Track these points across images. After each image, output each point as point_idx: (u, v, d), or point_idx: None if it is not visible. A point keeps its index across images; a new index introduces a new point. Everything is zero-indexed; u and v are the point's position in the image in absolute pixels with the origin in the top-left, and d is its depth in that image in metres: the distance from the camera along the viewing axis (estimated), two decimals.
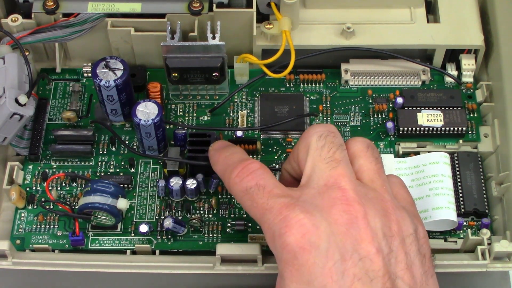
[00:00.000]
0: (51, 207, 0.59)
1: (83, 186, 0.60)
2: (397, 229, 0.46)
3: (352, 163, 0.49)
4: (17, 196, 0.58)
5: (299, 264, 0.43)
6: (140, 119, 0.57)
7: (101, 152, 0.62)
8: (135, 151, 0.61)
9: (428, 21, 0.66)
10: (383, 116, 0.64)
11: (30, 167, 0.61)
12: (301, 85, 0.66)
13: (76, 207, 0.58)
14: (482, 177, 0.60)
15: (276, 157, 0.62)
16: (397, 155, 0.62)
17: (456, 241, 0.58)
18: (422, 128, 0.62)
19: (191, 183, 0.58)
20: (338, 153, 0.47)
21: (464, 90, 0.65)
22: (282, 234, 0.44)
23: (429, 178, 0.59)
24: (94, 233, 0.58)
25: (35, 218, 0.59)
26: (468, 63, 0.65)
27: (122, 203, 0.56)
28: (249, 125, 0.64)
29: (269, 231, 0.46)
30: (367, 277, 0.43)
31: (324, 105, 0.64)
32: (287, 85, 0.66)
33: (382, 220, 0.46)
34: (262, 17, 0.65)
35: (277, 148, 0.62)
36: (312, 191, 0.46)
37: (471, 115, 0.64)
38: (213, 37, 0.60)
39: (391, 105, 0.64)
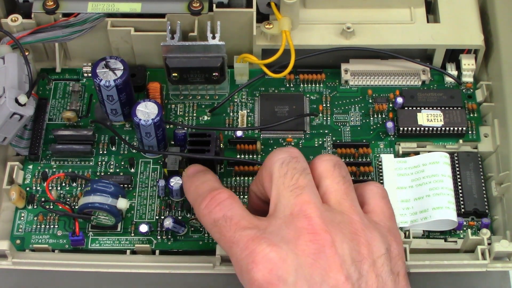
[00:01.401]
0: (51, 207, 0.59)
1: (83, 186, 0.60)
2: (367, 252, 0.45)
3: (319, 185, 0.48)
4: (17, 196, 0.58)
5: None
6: (140, 119, 0.57)
7: (101, 152, 0.62)
8: (138, 148, 0.61)
9: (428, 21, 0.66)
10: (383, 116, 0.64)
11: (30, 167, 0.61)
12: (301, 85, 0.66)
13: (76, 207, 0.58)
14: (482, 177, 0.60)
15: None
16: (397, 155, 0.62)
17: (456, 241, 0.58)
18: (422, 128, 0.62)
19: None
20: (302, 179, 0.46)
21: (464, 90, 0.65)
22: (249, 270, 0.44)
23: (429, 178, 0.59)
24: (94, 233, 0.58)
25: (35, 218, 0.59)
26: (468, 63, 0.65)
27: (122, 203, 0.56)
28: (249, 125, 0.64)
29: (237, 265, 0.45)
30: None
31: (324, 105, 0.64)
32: (287, 85, 0.66)
33: (350, 245, 0.45)
34: (262, 17, 0.65)
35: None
36: (279, 222, 0.45)
37: (471, 115, 0.64)
38: (213, 37, 0.60)
39: (391, 105, 0.64)
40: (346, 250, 0.44)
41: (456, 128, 0.62)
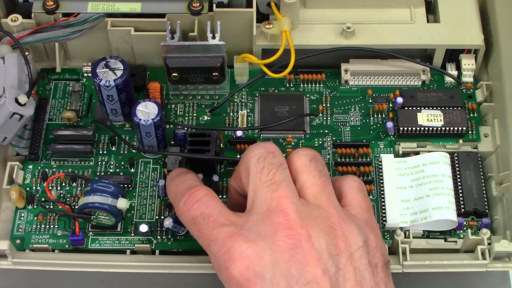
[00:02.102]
0: (51, 207, 0.59)
1: (83, 186, 0.60)
2: (344, 245, 0.45)
3: (295, 180, 0.48)
4: (17, 196, 0.58)
5: None
6: (140, 119, 0.57)
7: (101, 152, 0.62)
8: (138, 148, 0.61)
9: (428, 21, 0.66)
10: (383, 116, 0.64)
11: (30, 167, 0.61)
12: (301, 85, 0.66)
13: (76, 207, 0.58)
14: (482, 177, 0.60)
15: None
16: (397, 155, 0.62)
17: (456, 241, 0.58)
18: (422, 128, 0.62)
19: None
20: (278, 174, 0.47)
21: (464, 90, 0.65)
22: (227, 267, 0.44)
23: (429, 178, 0.59)
24: (94, 233, 0.58)
25: (35, 218, 0.59)
26: (468, 63, 0.65)
27: (122, 203, 0.56)
28: (249, 125, 0.64)
29: (215, 262, 0.46)
30: None
31: (324, 105, 0.64)
32: (287, 85, 0.66)
33: (327, 239, 0.45)
34: (262, 17, 0.65)
35: None
36: (256, 217, 0.46)
37: (471, 115, 0.64)
38: (213, 37, 0.60)
39: (391, 105, 0.64)
40: (323, 244, 0.44)
41: (456, 128, 0.62)
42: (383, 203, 0.59)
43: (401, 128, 0.62)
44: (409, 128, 0.62)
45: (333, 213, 0.46)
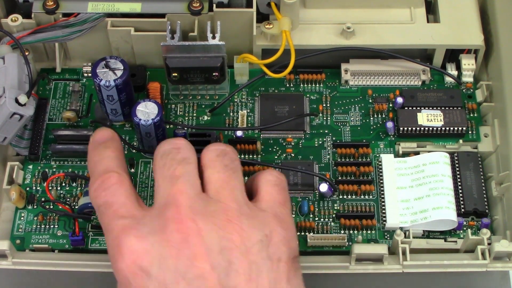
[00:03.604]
0: (51, 207, 0.59)
1: (83, 186, 0.60)
2: (240, 239, 0.44)
3: (202, 175, 0.48)
4: (17, 196, 0.58)
5: None
6: (140, 119, 0.57)
7: None
8: (138, 148, 0.61)
9: (428, 21, 0.66)
10: (383, 116, 0.64)
11: (30, 167, 0.61)
12: (301, 85, 0.66)
13: (76, 207, 0.58)
14: (482, 177, 0.60)
15: (276, 157, 0.62)
16: (397, 155, 0.62)
17: (456, 241, 0.58)
18: (422, 128, 0.62)
19: None
20: (179, 169, 0.46)
21: (464, 90, 0.65)
22: (116, 260, 0.44)
23: (429, 178, 0.59)
24: (94, 233, 0.58)
25: (35, 218, 0.59)
26: (468, 63, 0.65)
27: None
28: (249, 125, 0.64)
29: (109, 253, 0.46)
30: None
31: (324, 105, 0.64)
32: (287, 85, 0.66)
33: (219, 234, 0.44)
34: (262, 17, 0.65)
35: (277, 148, 0.62)
36: (154, 212, 0.46)
37: (471, 115, 0.64)
38: (213, 37, 0.60)
39: (391, 105, 0.64)
40: (215, 239, 0.44)
41: (456, 128, 0.62)
42: (383, 203, 0.59)
43: (401, 128, 0.62)
44: (409, 128, 0.62)
45: (233, 207, 0.46)
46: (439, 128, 0.62)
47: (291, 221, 0.48)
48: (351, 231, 0.58)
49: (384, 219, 0.58)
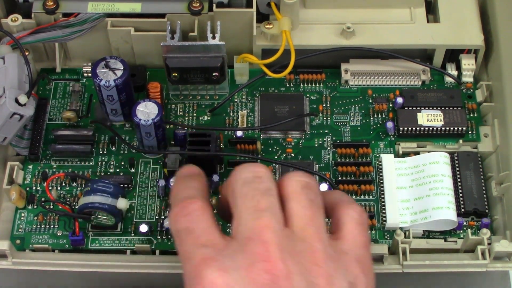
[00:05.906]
0: (51, 207, 0.59)
1: (83, 186, 0.60)
2: (325, 285, 0.42)
3: (284, 206, 0.45)
4: (17, 196, 0.58)
5: None
6: (140, 119, 0.57)
7: (101, 152, 0.62)
8: (138, 148, 0.61)
9: (428, 21, 0.66)
10: (383, 116, 0.64)
11: (30, 167, 0.61)
12: (301, 85, 0.66)
13: (76, 207, 0.58)
14: (482, 177, 0.60)
15: (276, 157, 0.62)
16: (397, 155, 0.62)
17: (456, 241, 0.58)
18: (422, 128, 0.62)
19: None
20: (263, 201, 0.43)
21: (464, 90, 0.65)
22: None
23: (429, 178, 0.59)
24: (94, 233, 0.58)
25: (35, 218, 0.59)
26: (468, 63, 0.65)
27: (122, 203, 0.56)
28: (249, 125, 0.64)
29: (186, 281, 0.43)
30: None
31: (324, 105, 0.64)
32: (287, 85, 0.66)
33: (307, 278, 0.41)
34: (262, 17, 0.65)
35: (277, 148, 0.62)
36: (235, 245, 0.43)
37: (471, 115, 0.64)
38: (213, 37, 0.60)
39: (391, 105, 0.64)
40: (302, 283, 0.41)
41: (456, 128, 0.62)
42: (383, 203, 0.59)
43: (401, 128, 0.62)
44: (409, 128, 0.62)
45: (319, 248, 0.43)
46: (439, 128, 0.62)
47: (372, 265, 0.46)
48: None
49: (384, 219, 0.58)
